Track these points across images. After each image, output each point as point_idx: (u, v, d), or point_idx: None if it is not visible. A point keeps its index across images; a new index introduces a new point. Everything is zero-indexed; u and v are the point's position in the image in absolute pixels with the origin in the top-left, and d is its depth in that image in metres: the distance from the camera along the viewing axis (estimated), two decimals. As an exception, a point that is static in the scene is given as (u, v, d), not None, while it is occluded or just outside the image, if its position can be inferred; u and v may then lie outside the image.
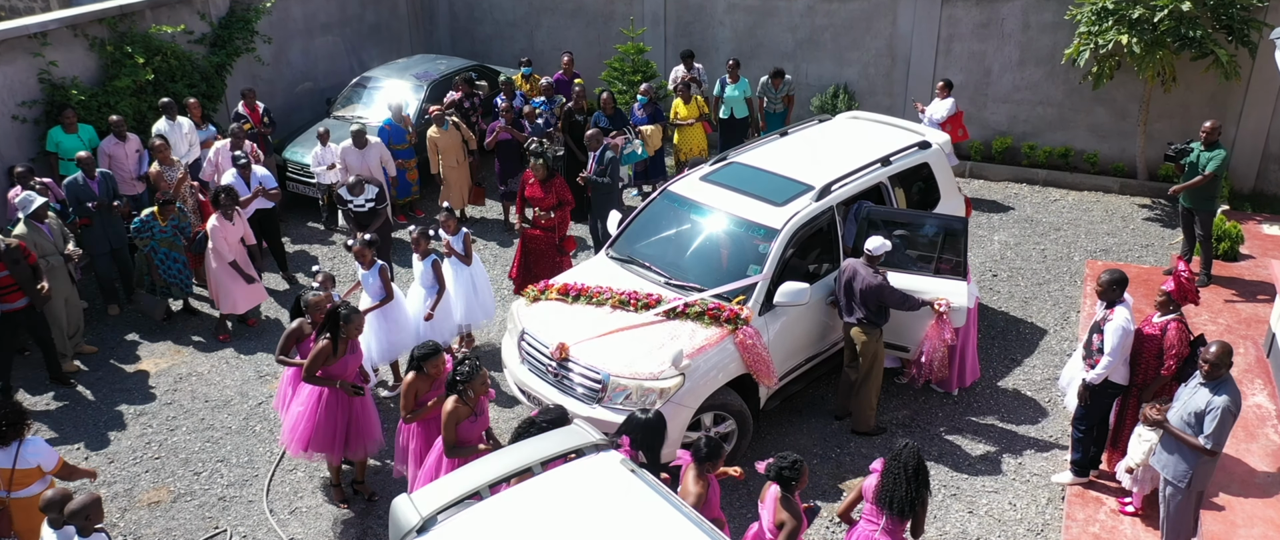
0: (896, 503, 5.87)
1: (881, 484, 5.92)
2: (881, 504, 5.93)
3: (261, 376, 9.53)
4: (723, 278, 8.16)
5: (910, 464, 5.82)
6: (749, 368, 7.80)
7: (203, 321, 10.45)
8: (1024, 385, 9.12)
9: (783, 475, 5.78)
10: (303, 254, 11.94)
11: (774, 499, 5.81)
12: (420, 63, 14.18)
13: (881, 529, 5.95)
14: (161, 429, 8.79)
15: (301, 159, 12.50)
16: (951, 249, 8.42)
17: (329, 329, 7.08)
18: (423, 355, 6.83)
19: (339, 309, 7.11)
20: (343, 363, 7.13)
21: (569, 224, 10.41)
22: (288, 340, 7.67)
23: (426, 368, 6.81)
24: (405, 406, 6.85)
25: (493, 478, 5.05)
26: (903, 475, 5.83)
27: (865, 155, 9.14)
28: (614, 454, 5.31)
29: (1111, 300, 7.08)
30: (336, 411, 7.29)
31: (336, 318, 7.06)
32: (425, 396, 6.89)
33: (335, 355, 7.05)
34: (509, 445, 5.52)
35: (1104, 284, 7.07)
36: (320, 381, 7.16)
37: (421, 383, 6.85)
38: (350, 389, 7.24)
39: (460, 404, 6.38)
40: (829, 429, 8.61)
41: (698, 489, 5.74)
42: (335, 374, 7.15)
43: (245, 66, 13.53)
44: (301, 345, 7.68)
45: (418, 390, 6.84)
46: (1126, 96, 12.94)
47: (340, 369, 7.14)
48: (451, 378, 6.48)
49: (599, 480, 5.08)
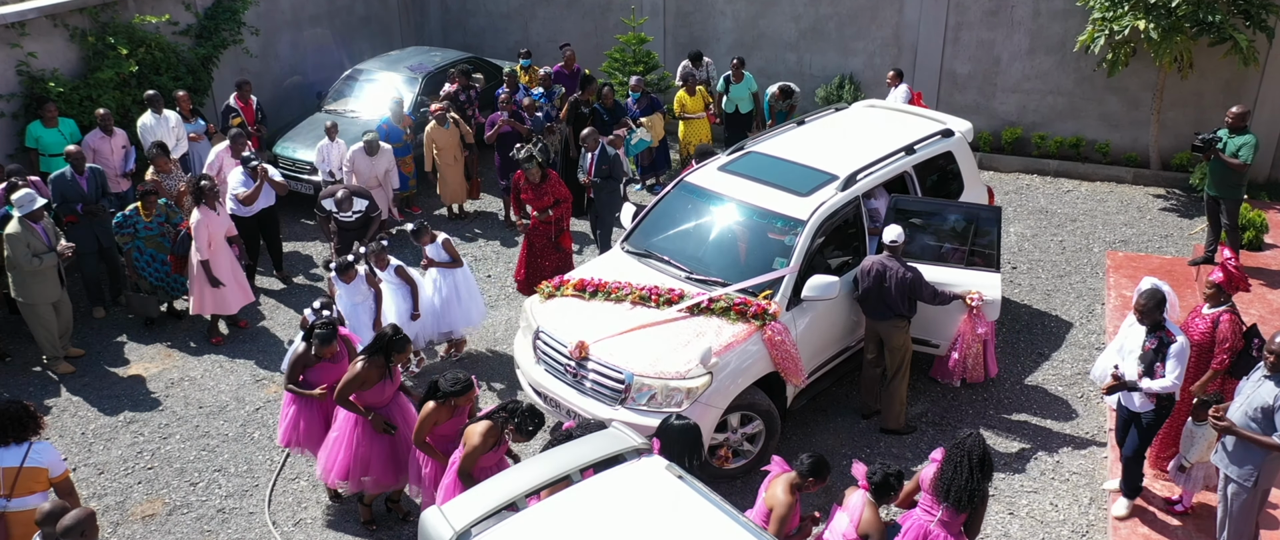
0: (954, 493, 5.57)
1: (941, 472, 5.62)
2: (939, 494, 5.63)
3: (257, 381, 9.07)
4: (746, 271, 7.79)
5: (975, 453, 5.54)
6: (777, 365, 7.43)
7: (193, 324, 9.97)
8: (1053, 381, 8.80)
9: (888, 482, 5.47)
10: (298, 254, 11.47)
11: (864, 506, 5.48)
12: (414, 55, 13.74)
13: (937, 519, 5.65)
14: (154, 437, 8.33)
15: (293, 154, 12.04)
16: (983, 240, 8.09)
17: (379, 351, 6.52)
18: (454, 390, 6.20)
19: (387, 333, 6.60)
20: (379, 388, 6.61)
21: (570, 218, 10.03)
22: (295, 367, 7.05)
23: (455, 401, 6.24)
24: (418, 432, 6.33)
25: (529, 487, 4.66)
26: (965, 464, 5.55)
27: (888, 144, 8.81)
28: (657, 459, 4.93)
29: (1155, 323, 6.44)
30: (379, 436, 6.76)
31: (388, 343, 6.51)
32: (443, 429, 6.33)
33: (374, 381, 6.54)
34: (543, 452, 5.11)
35: (1146, 307, 6.40)
36: (350, 406, 6.61)
37: (441, 413, 6.27)
38: (382, 425, 6.69)
39: (488, 436, 5.88)
40: (856, 428, 8.27)
41: (788, 499, 5.33)
42: (371, 403, 6.64)
43: (232, 59, 13.05)
44: (310, 371, 7.04)
45: (436, 420, 6.27)
46: (1139, 85, 12.68)
47: (377, 396, 6.63)
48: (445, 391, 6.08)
49: (643, 487, 4.70)
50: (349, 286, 8.25)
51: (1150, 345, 6.41)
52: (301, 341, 7.18)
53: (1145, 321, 6.47)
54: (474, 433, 5.82)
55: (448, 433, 6.27)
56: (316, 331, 6.67)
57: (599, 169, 10.54)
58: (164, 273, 9.64)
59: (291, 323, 10.00)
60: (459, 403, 6.23)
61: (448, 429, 6.28)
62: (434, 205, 12.57)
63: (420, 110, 12.47)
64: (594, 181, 10.54)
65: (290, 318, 10.11)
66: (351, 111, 12.68)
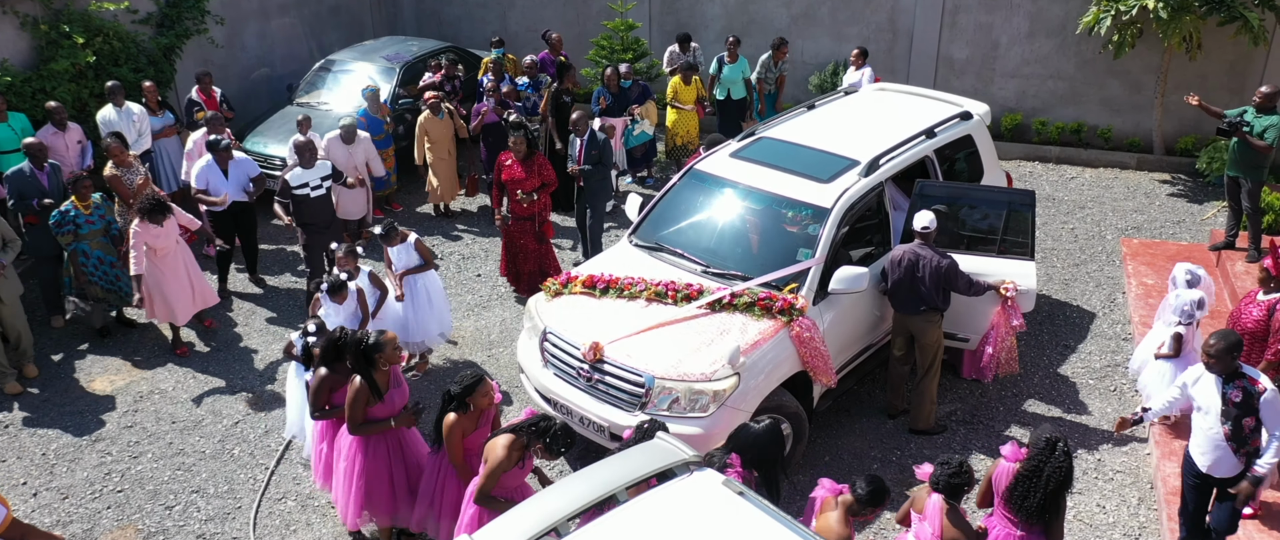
0: (1025, 509, 5.09)
1: (1018, 481, 5.12)
2: (1010, 504, 5.16)
3: (235, 392, 8.38)
4: (767, 264, 7.26)
5: (1057, 477, 5.01)
6: (805, 364, 6.91)
7: (158, 332, 9.23)
8: (1083, 374, 8.38)
9: (952, 484, 4.96)
10: (274, 255, 10.75)
11: (940, 512, 4.99)
12: (389, 44, 13.05)
13: (1021, 526, 5.20)
14: (123, 457, 7.61)
15: (264, 149, 11.31)
16: (1017, 226, 7.63)
17: (357, 366, 5.81)
18: (466, 387, 5.55)
19: (355, 339, 5.86)
20: (388, 401, 5.92)
21: (550, 208, 9.47)
22: (320, 392, 6.17)
23: (471, 402, 5.57)
24: (452, 452, 5.65)
25: (571, 510, 4.07)
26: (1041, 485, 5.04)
27: (907, 127, 8.32)
28: (711, 473, 4.37)
29: (1229, 371, 5.50)
30: (390, 460, 6.06)
31: (362, 350, 5.78)
32: (472, 439, 5.61)
33: (378, 395, 5.86)
34: (583, 469, 4.50)
35: (1218, 352, 5.42)
36: (370, 429, 5.90)
37: (467, 421, 5.58)
38: (408, 418, 5.99)
39: (513, 450, 5.22)
40: (883, 429, 7.77)
41: (845, 532, 4.74)
42: (382, 415, 5.94)
43: (196, 50, 12.28)
44: (336, 394, 6.19)
45: (464, 430, 5.58)
46: (1142, 68, 12.34)
47: (387, 409, 5.95)
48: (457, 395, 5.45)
49: (700, 507, 4.14)
50: (342, 306, 7.40)
51: (1235, 396, 5.47)
52: (313, 367, 6.33)
53: (1219, 369, 5.50)
54: (496, 446, 5.19)
55: (476, 446, 5.62)
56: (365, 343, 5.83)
57: (588, 154, 9.84)
58: (114, 275, 8.72)
59: (267, 331, 9.30)
60: (479, 403, 5.57)
61: (475, 441, 5.63)
62: (415, 202, 11.91)
63: (399, 103, 11.80)
64: (584, 168, 9.80)
65: (263, 326, 9.41)
66: (325, 104, 11.97)
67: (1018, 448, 5.34)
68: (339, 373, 6.09)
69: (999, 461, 5.37)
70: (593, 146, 9.84)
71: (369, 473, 5.98)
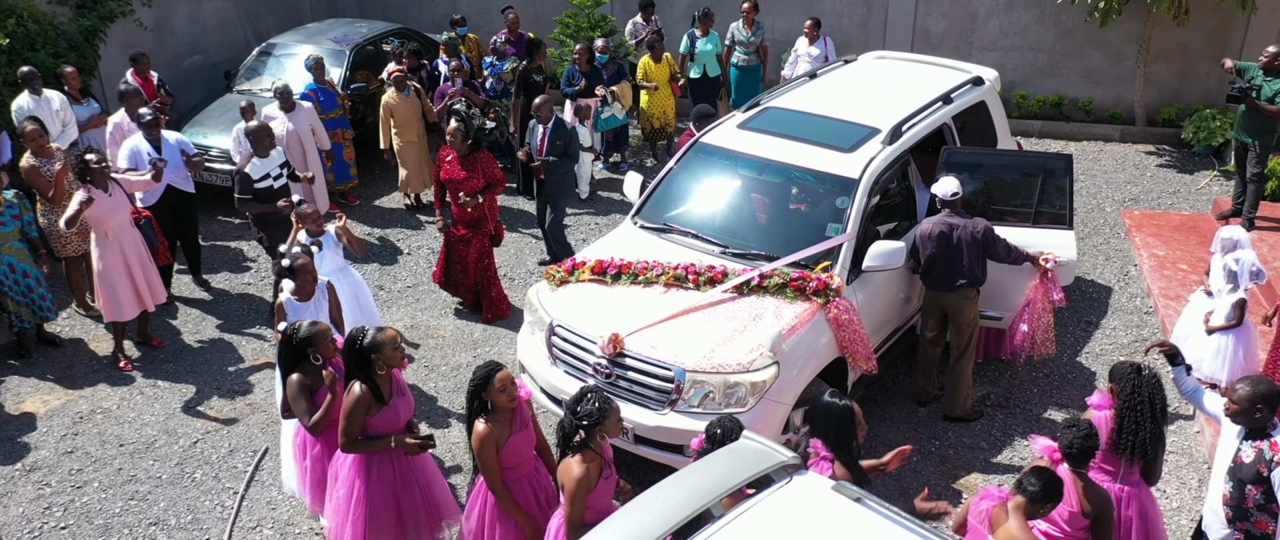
0: (1138, 445, 4.82)
1: (1119, 424, 4.85)
2: (1120, 448, 4.80)
3: (190, 407, 7.41)
4: (792, 242, 6.61)
5: (1157, 398, 4.81)
6: (843, 349, 6.28)
7: (92, 346, 8.20)
8: (1112, 351, 7.92)
9: (1087, 447, 4.47)
10: (221, 255, 9.73)
11: (1075, 485, 4.48)
12: (336, 26, 12.08)
13: (1120, 477, 4.88)
14: (64, 487, 6.61)
15: (204, 139, 10.28)
16: (1053, 193, 7.12)
17: (356, 368, 4.89)
18: (476, 383, 4.62)
19: (350, 336, 4.90)
20: (392, 411, 5.00)
21: (498, 209, 8.56)
22: (299, 399, 5.16)
23: (488, 399, 4.67)
24: (491, 478, 4.72)
25: (662, 529, 3.34)
26: (1146, 411, 4.81)
27: (922, 94, 7.76)
28: (815, 476, 3.68)
29: (1260, 427, 4.41)
30: (396, 483, 5.10)
31: (357, 350, 4.82)
32: (510, 451, 4.70)
33: (381, 400, 4.94)
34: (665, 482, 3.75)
35: (1250, 400, 4.35)
36: (367, 446, 4.96)
37: (500, 429, 4.68)
38: (415, 446, 5.01)
39: (589, 463, 4.36)
40: (915, 417, 7.19)
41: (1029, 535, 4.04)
42: (383, 429, 4.98)
43: (122, 35, 11.14)
44: (320, 396, 5.21)
45: (499, 440, 4.68)
46: (1122, 38, 12.04)
47: (390, 420, 4.99)
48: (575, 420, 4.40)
49: (816, 520, 3.44)
50: (308, 306, 6.20)
51: (1245, 455, 4.42)
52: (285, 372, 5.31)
53: (1244, 422, 4.42)
54: (570, 467, 4.32)
55: (517, 461, 4.74)
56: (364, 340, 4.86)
57: (552, 145, 8.81)
58: (29, 285, 7.68)
59: (220, 339, 8.32)
60: (497, 400, 4.64)
61: (514, 454, 4.71)
62: (378, 193, 10.97)
63: (351, 87, 10.85)
64: (546, 160, 8.80)
65: (215, 333, 8.42)
66: (268, 91, 10.95)
67: (1104, 394, 5.09)
68: (310, 373, 5.18)
69: (1089, 414, 5.08)
70: (558, 135, 8.86)
71: (371, 499, 5.07)
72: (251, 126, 8.22)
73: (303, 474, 5.66)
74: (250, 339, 8.30)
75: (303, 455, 5.62)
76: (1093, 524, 4.51)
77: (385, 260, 9.61)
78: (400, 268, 9.47)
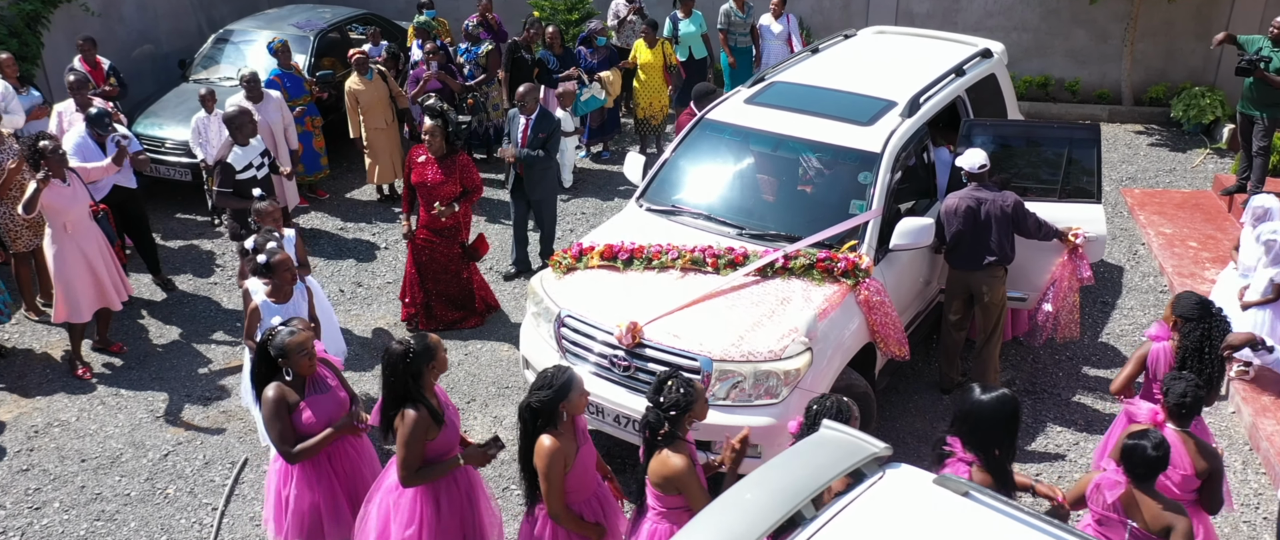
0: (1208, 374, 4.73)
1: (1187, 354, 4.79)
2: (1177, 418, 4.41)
3: (158, 417, 6.79)
4: (813, 221, 6.18)
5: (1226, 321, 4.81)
6: (874, 333, 5.88)
7: (44, 352, 7.53)
8: (1132, 330, 7.64)
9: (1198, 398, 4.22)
10: (182, 254, 9.07)
11: (1183, 443, 4.19)
12: (298, 11, 11.42)
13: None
14: (21, 508, 5.96)
15: (159, 132, 9.60)
16: (1080, 165, 6.78)
17: (402, 386, 4.18)
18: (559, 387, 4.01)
19: (398, 350, 4.18)
20: (451, 429, 4.34)
21: (472, 218, 7.82)
22: (278, 416, 4.45)
23: (565, 409, 4.06)
24: (555, 502, 4.09)
25: (755, 534, 2.88)
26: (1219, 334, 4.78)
27: (932, 67, 7.41)
28: (909, 468, 3.25)
29: None
30: (465, 508, 4.45)
31: (409, 360, 4.16)
32: (576, 473, 4.12)
33: (438, 421, 4.27)
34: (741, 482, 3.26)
35: None
36: (433, 474, 4.30)
37: (568, 444, 4.08)
38: (480, 454, 4.39)
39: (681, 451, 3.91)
40: (940, 405, 6.81)
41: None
42: (442, 449, 4.34)
43: (66, 21, 10.41)
44: (296, 418, 4.50)
45: (568, 460, 4.08)
46: (1108, 16, 11.86)
47: (449, 439, 4.36)
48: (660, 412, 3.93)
49: (922, 517, 3.01)
50: (286, 310, 5.57)
51: None
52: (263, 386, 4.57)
53: None
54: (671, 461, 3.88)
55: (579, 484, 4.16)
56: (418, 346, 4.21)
57: (534, 138, 8.05)
58: None
59: (185, 343, 7.69)
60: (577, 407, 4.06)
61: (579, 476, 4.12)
62: (349, 185, 10.36)
63: (317, 75, 10.23)
64: (528, 154, 8.03)
65: (180, 338, 7.78)
66: (227, 79, 10.30)
67: (1162, 324, 5.02)
68: (292, 385, 4.54)
69: (1146, 346, 5.03)
70: (541, 128, 8.05)
71: (447, 532, 4.41)
72: (231, 112, 7.55)
73: (279, 508, 4.79)
74: (220, 341, 7.68)
75: (283, 483, 4.76)
76: (1205, 483, 4.23)
77: (362, 256, 9.03)
78: (378, 263, 8.89)
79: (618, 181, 10.37)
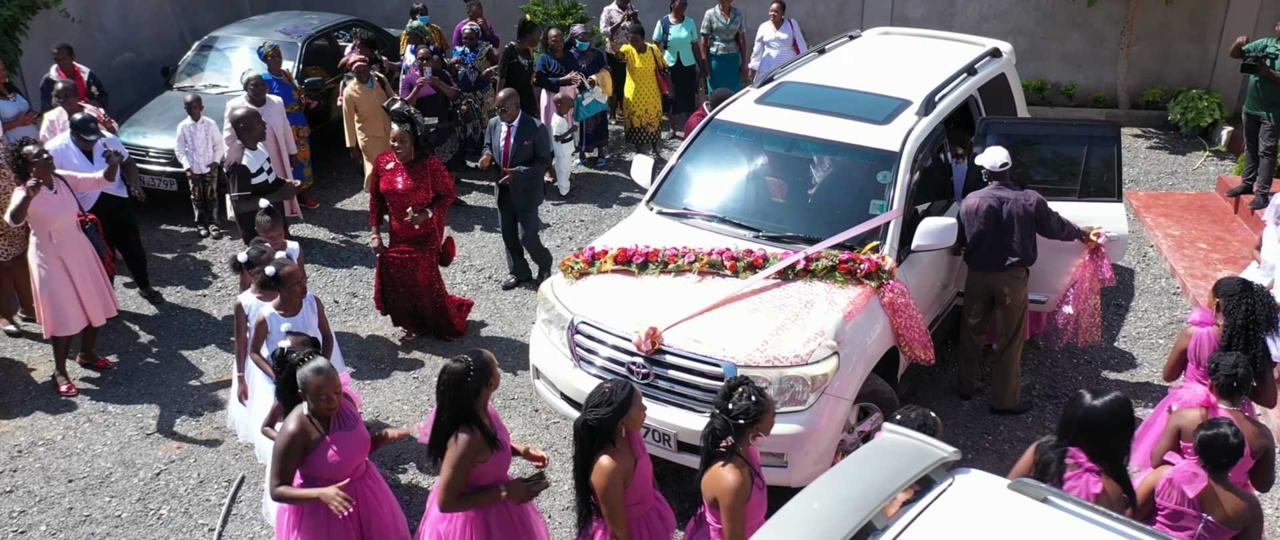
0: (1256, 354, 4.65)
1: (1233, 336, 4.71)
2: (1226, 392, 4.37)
3: (149, 435, 6.48)
4: (833, 222, 6.00)
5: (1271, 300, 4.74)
6: (898, 337, 5.69)
7: (21, 367, 7.20)
8: (1149, 333, 7.51)
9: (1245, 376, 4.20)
10: (172, 266, 8.76)
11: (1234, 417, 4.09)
12: (284, 18, 11.17)
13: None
14: (5, 533, 5.64)
15: (143, 140, 9.31)
16: (1099, 164, 6.64)
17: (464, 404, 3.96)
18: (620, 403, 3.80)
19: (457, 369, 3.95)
20: (503, 454, 4.12)
21: (445, 224, 7.49)
22: (290, 455, 4.12)
23: (624, 425, 3.86)
24: (618, 522, 3.86)
25: (828, 547, 2.67)
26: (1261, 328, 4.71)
27: (943, 66, 7.26)
28: (979, 473, 3.05)
29: None
30: (506, 532, 4.21)
31: (469, 378, 3.94)
32: (635, 487, 3.91)
33: (492, 447, 4.04)
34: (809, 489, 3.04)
35: None
36: (474, 503, 4.08)
37: (626, 460, 3.86)
38: (525, 489, 4.16)
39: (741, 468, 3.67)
40: (961, 411, 6.63)
41: None
42: (492, 476, 4.13)
43: (45, 28, 10.10)
44: (314, 457, 4.14)
45: (627, 476, 3.86)
46: (1104, 20, 11.80)
47: (500, 465, 4.15)
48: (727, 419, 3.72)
49: (1002, 525, 2.80)
50: (297, 320, 5.30)
51: None
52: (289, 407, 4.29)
53: None
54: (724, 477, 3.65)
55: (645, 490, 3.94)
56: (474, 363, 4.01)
57: (520, 147, 7.68)
58: None
59: (176, 358, 7.38)
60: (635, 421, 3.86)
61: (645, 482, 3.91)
62: (338, 195, 10.09)
63: (305, 82, 9.96)
64: (515, 170, 7.65)
65: (171, 352, 7.48)
66: (214, 86, 10.03)
67: (1205, 310, 5.03)
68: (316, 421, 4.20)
69: (1188, 331, 5.03)
70: (525, 135, 7.71)
71: None
72: (240, 114, 7.28)
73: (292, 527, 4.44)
74: (211, 354, 7.39)
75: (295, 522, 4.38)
76: (1260, 461, 4.14)
77: (355, 266, 8.76)
78: (372, 274, 8.61)
79: (615, 187, 10.17)
